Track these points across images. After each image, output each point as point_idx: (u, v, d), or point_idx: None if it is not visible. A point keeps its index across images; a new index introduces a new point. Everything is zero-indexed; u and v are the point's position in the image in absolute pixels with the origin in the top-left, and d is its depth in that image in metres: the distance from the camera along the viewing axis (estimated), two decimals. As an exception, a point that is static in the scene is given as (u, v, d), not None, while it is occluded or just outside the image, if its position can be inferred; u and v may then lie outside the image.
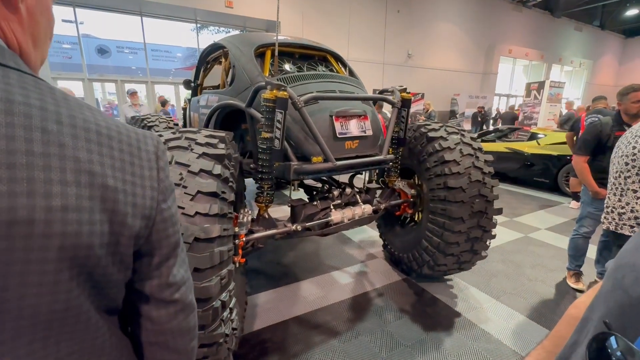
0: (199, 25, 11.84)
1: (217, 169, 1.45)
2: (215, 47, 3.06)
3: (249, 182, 2.84)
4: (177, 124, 3.95)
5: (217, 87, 3.93)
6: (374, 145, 2.32)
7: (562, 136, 5.78)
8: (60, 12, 10.52)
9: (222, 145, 1.59)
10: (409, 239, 2.82)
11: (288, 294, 2.77)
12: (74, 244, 0.39)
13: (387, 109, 6.28)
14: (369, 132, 2.25)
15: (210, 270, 1.30)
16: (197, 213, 1.30)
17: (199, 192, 1.35)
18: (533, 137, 6.78)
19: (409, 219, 3.08)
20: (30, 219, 0.35)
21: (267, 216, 2.10)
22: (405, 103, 2.35)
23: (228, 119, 2.56)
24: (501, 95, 17.76)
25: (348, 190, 2.44)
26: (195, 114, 3.28)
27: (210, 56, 3.31)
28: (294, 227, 2.07)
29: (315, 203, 2.29)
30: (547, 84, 12.89)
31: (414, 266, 2.71)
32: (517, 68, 18.16)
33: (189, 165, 1.39)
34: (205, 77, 3.60)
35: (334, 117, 2.10)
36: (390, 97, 2.36)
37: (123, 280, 0.50)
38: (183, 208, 1.30)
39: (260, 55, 2.45)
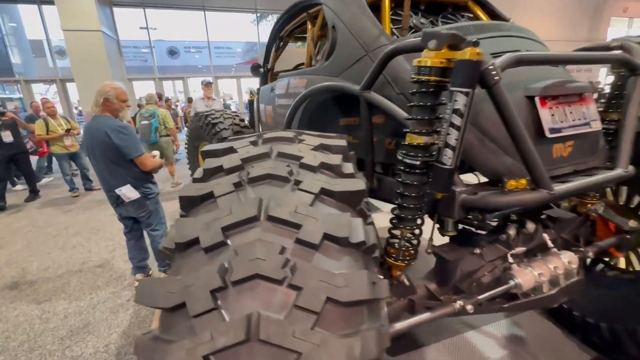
0: (258, 14, 11.25)
1: (360, 232, 0.71)
2: (298, 6, 2.18)
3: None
4: (242, 120, 3.18)
5: (299, 67, 3.09)
6: (596, 150, 1.24)
7: None
8: (136, 20, 11.14)
9: (349, 167, 0.93)
10: (616, 299, 1.67)
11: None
12: None
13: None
14: (595, 126, 1.17)
15: None
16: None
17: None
18: None
19: (610, 265, 1.89)
20: None
21: (406, 281, 1.17)
22: None
23: (320, 111, 1.67)
24: (610, 67, 14.36)
25: (530, 225, 1.39)
26: (268, 107, 2.49)
27: (288, 26, 2.43)
28: (460, 306, 1.11)
29: (477, 251, 1.30)
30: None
31: (630, 349, 1.57)
32: (635, 32, 14.47)
33: (298, 228, 0.68)
34: (277, 58, 2.75)
35: (537, 98, 1.07)
36: (625, 55, 1.24)
37: None
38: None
39: (372, 7, 1.50)
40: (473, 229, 1.35)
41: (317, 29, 1.90)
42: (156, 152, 2.63)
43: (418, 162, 0.99)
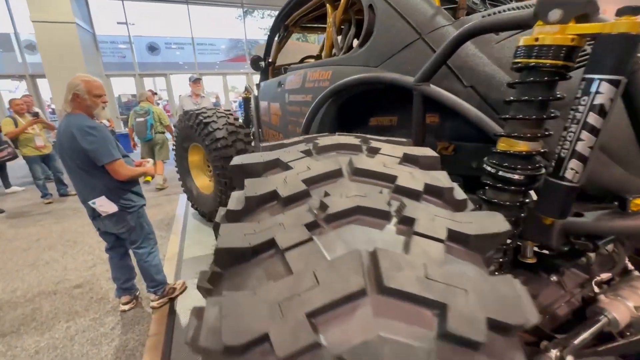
0: (245, 9, 10.78)
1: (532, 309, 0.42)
2: None
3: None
4: (237, 119, 2.89)
5: (306, 60, 2.79)
6: None
7: None
8: (114, 14, 10.59)
9: (460, 192, 0.66)
10: None
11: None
12: None
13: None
14: None
15: None
16: None
17: None
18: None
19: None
20: None
21: None
22: None
23: (347, 109, 1.40)
24: None
25: (609, 247, 1.17)
26: (274, 104, 2.20)
27: (296, 13, 2.14)
28: (557, 357, 0.87)
29: (554, 278, 1.07)
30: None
31: None
32: None
33: (442, 309, 0.40)
34: (280, 51, 2.46)
35: None
36: None
37: None
38: None
39: None
40: (548, 252, 1.12)
41: (340, 12, 1.62)
42: (150, 160, 2.29)
43: (519, 177, 0.74)
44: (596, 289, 1.06)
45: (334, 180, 0.59)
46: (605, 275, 1.08)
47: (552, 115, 0.73)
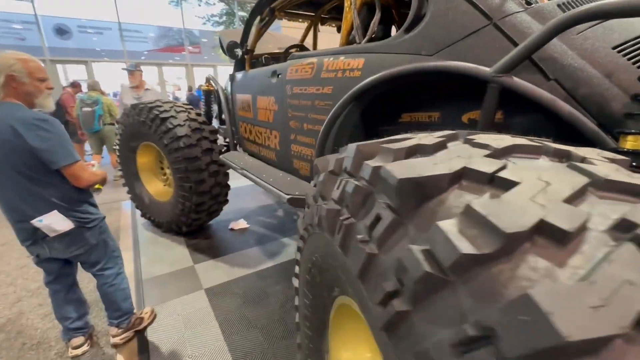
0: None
1: None
2: None
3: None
4: (199, 114, 2.57)
5: (291, 50, 2.53)
6: None
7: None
8: None
9: None
10: None
11: None
12: None
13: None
14: None
15: None
16: None
17: None
18: None
19: None
20: None
21: None
22: None
23: (375, 104, 1.25)
24: None
25: None
26: (263, 98, 1.93)
27: None
28: None
29: None
30: None
31: None
32: None
33: None
34: (260, 37, 2.21)
35: None
36: None
37: None
38: None
39: None
40: None
41: None
42: (95, 163, 1.81)
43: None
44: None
45: (582, 199, 0.42)
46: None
47: None
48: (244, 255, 2.81)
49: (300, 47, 3.07)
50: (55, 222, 1.49)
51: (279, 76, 1.86)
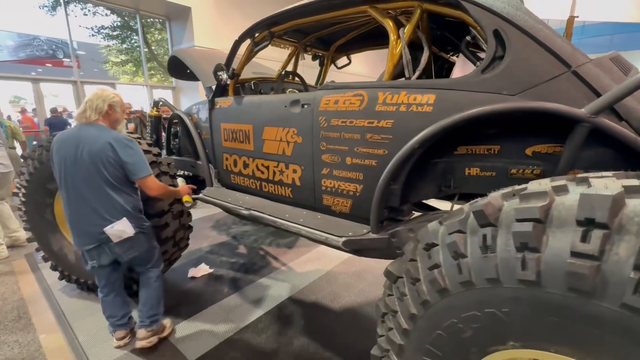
0: None
1: None
2: None
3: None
4: (150, 144, 2.27)
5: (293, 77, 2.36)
6: None
7: None
8: None
9: None
10: None
11: None
12: None
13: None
14: None
15: None
16: None
17: None
18: None
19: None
20: None
21: None
22: None
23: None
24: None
25: None
26: (272, 129, 1.77)
27: (302, 20, 1.79)
28: None
29: None
30: None
31: None
32: None
33: None
34: (247, 62, 2.04)
35: None
36: None
37: None
38: None
39: None
40: None
41: (410, 29, 1.41)
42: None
43: None
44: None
45: None
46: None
47: None
48: (222, 307, 2.37)
49: (293, 74, 2.88)
50: (124, 228, 1.73)
51: (305, 107, 1.68)
